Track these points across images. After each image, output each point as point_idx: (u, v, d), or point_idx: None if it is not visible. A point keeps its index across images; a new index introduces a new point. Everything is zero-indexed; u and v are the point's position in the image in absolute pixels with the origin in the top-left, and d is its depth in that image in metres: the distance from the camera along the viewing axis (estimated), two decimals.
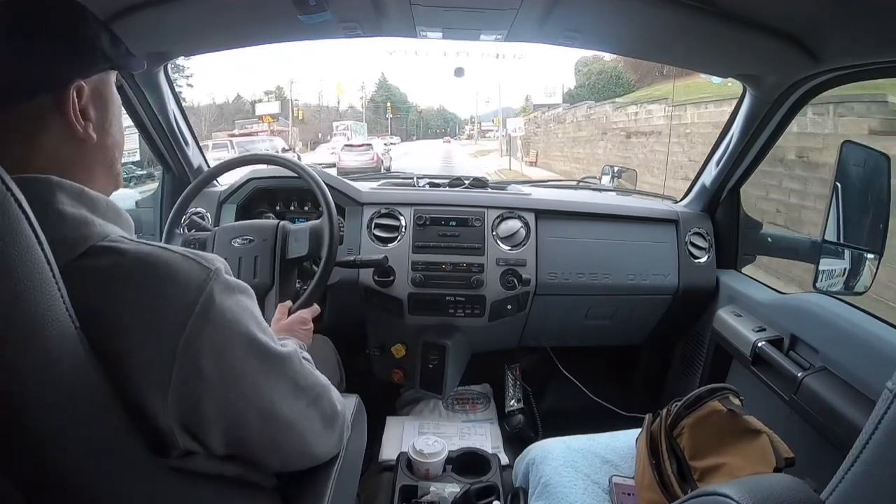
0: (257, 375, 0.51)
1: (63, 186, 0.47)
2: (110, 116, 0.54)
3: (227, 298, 0.48)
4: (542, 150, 15.84)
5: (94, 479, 0.43)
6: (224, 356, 0.47)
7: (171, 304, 0.45)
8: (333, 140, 25.61)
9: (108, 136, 0.53)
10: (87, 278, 0.43)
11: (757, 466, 0.77)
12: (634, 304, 1.43)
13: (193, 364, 0.45)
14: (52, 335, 0.39)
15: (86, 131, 0.50)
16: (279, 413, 0.53)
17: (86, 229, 0.46)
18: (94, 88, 0.51)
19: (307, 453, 0.61)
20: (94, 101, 0.51)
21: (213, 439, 0.49)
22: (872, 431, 0.35)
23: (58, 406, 0.40)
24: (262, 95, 34.53)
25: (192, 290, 0.46)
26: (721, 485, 0.41)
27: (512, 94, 25.39)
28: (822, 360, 0.93)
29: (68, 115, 0.48)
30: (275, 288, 1.04)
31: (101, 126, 0.52)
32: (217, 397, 0.47)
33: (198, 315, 0.45)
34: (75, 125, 0.49)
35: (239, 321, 0.49)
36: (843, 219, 0.95)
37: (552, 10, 0.96)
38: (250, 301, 0.52)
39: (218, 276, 0.48)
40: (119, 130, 0.55)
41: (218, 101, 33.10)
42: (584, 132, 11.87)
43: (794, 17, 0.86)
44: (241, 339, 0.49)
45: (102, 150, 0.53)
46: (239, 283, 0.51)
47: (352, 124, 31.76)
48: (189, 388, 0.45)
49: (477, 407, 1.58)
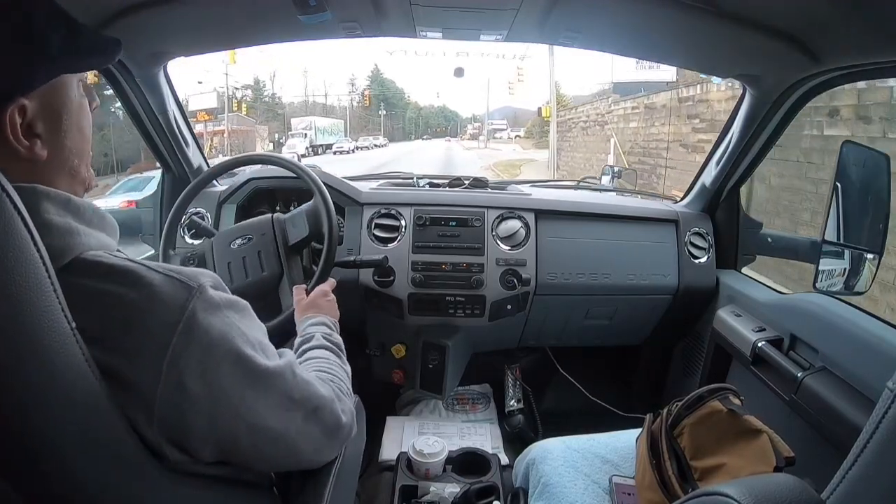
0: (244, 391, 0.50)
1: (49, 195, 0.46)
2: (65, 126, 0.48)
3: (210, 316, 0.47)
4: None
5: (93, 481, 0.43)
6: (209, 374, 0.47)
7: (154, 324, 0.45)
8: (290, 141, 22.20)
9: (62, 147, 0.48)
10: (71, 294, 0.42)
11: (757, 466, 0.77)
12: (634, 304, 1.42)
13: (179, 384, 0.45)
14: (48, 337, 0.38)
15: (31, 150, 0.45)
16: (268, 427, 0.52)
17: (70, 239, 0.45)
18: (43, 100, 0.45)
19: (303, 460, 0.60)
20: (43, 114, 0.45)
21: (202, 452, 0.49)
22: (873, 431, 0.35)
23: (55, 408, 0.40)
24: (241, 90, 31.18)
25: (175, 309, 0.45)
26: (721, 484, 0.41)
27: (520, 91, 21.29)
28: (821, 360, 0.93)
29: (8, 139, 0.43)
30: (285, 276, 1.05)
31: (53, 139, 0.47)
32: (204, 415, 0.47)
33: (181, 333, 0.45)
34: (17, 148, 0.44)
35: (224, 338, 0.48)
36: (843, 219, 0.95)
37: (552, 10, 0.96)
38: (239, 316, 0.51)
39: (201, 293, 0.47)
40: (78, 134, 0.50)
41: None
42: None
43: (794, 17, 0.86)
44: (226, 357, 0.48)
45: (58, 162, 0.48)
46: (227, 299, 0.50)
47: (316, 121, 26.58)
48: (174, 406, 0.45)
49: (477, 407, 1.58)
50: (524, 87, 18.54)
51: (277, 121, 30.87)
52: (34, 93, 0.44)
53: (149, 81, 1.22)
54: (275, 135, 25.99)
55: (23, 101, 0.44)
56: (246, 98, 29.78)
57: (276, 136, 25.55)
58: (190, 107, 18.08)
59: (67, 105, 0.48)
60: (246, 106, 25.29)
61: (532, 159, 17.78)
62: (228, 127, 19.23)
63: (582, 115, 12.15)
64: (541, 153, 19.12)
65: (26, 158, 0.45)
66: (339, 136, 27.56)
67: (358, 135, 33.63)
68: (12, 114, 0.43)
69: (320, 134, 25.26)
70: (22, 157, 0.45)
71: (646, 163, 8.03)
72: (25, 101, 0.44)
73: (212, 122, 18.67)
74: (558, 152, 13.01)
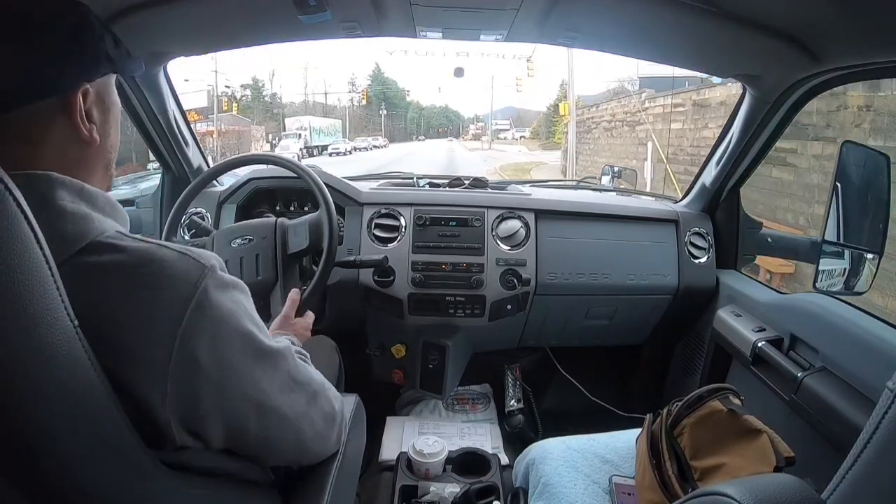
0: (252, 369, 0.52)
1: (64, 183, 0.48)
2: (111, 119, 0.54)
3: (221, 294, 0.49)
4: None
5: (93, 479, 0.43)
6: (219, 349, 0.48)
7: (168, 298, 0.46)
8: (283, 142, 21.57)
9: (107, 138, 0.54)
10: (86, 274, 0.44)
11: (757, 466, 0.77)
12: (634, 304, 1.43)
13: (190, 356, 0.46)
14: (50, 334, 0.38)
15: (90, 134, 0.51)
16: (275, 407, 0.54)
17: (85, 224, 0.47)
18: (98, 92, 0.52)
19: (305, 450, 0.62)
20: (98, 103, 0.52)
21: (212, 433, 0.50)
22: (873, 431, 0.35)
23: (57, 405, 0.40)
24: (240, 89, 30.83)
25: (188, 285, 0.47)
26: (722, 484, 0.41)
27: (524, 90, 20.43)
28: (821, 360, 0.93)
29: (74, 118, 0.49)
30: (279, 283, 1.04)
31: (102, 128, 0.53)
32: (214, 390, 0.48)
33: (193, 309, 0.46)
34: (81, 128, 0.50)
35: (233, 316, 0.50)
36: (843, 219, 0.95)
37: (552, 10, 0.96)
38: (244, 297, 0.53)
39: (213, 272, 0.49)
40: (117, 132, 0.56)
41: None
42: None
43: (794, 17, 0.86)
44: (235, 334, 0.50)
45: (103, 151, 0.54)
46: (233, 280, 0.52)
47: (312, 121, 26.03)
48: (186, 380, 0.46)
49: (477, 407, 1.58)
50: (531, 84, 17.94)
51: (275, 121, 30.30)
52: (92, 84, 0.51)
53: (149, 81, 1.23)
54: (269, 135, 25.49)
55: (87, 86, 0.50)
56: (245, 97, 29.30)
57: (270, 136, 25.02)
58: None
59: (113, 101, 0.55)
60: (237, 105, 24.98)
61: (542, 162, 17.23)
62: (222, 127, 18.73)
63: (605, 115, 10.78)
64: (549, 155, 18.51)
65: (84, 141, 0.50)
66: (336, 137, 26.80)
67: (358, 135, 32.90)
68: (79, 97, 0.49)
69: (316, 134, 24.71)
70: (81, 140, 0.50)
71: (689, 172, 6.06)
72: (89, 86, 0.50)
73: (202, 122, 18.38)
74: (577, 156, 11.56)
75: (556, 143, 13.06)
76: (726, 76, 1.24)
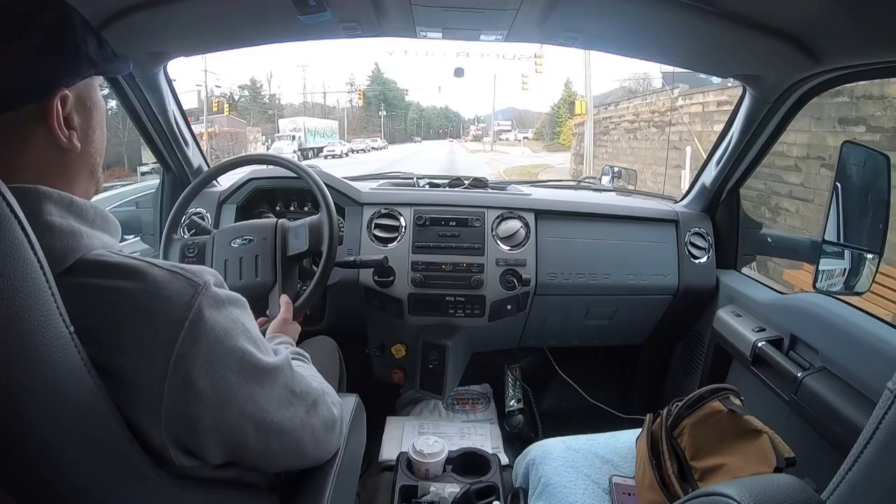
0: (251, 388, 0.50)
1: (51, 197, 0.46)
2: (94, 123, 0.52)
3: (216, 313, 0.48)
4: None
5: (92, 488, 0.43)
6: (216, 371, 0.47)
7: (160, 321, 0.44)
8: (276, 144, 20.64)
9: (91, 143, 0.52)
10: (75, 294, 0.42)
11: (757, 466, 0.77)
12: (634, 304, 1.43)
13: (185, 381, 0.45)
14: (47, 341, 0.38)
15: (70, 141, 0.48)
16: (275, 422, 0.53)
17: (73, 241, 0.46)
18: (78, 96, 0.50)
19: (305, 456, 0.61)
20: (78, 108, 0.50)
21: (210, 452, 0.49)
22: (873, 431, 0.35)
23: (54, 412, 0.39)
24: (236, 90, 30.23)
25: (181, 306, 0.45)
26: (722, 485, 0.41)
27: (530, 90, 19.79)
28: (822, 360, 0.93)
29: (52, 126, 0.47)
30: (277, 285, 1.04)
31: (84, 134, 0.51)
32: (212, 413, 0.47)
33: (187, 331, 0.45)
34: (59, 136, 0.47)
35: (229, 335, 0.48)
36: (843, 219, 0.95)
37: (552, 10, 0.96)
38: (241, 312, 0.52)
39: (206, 290, 0.47)
40: (101, 136, 0.54)
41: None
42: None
43: (794, 17, 0.86)
44: (232, 354, 0.48)
45: (85, 157, 0.52)
46: (230, 295, 0.51)
47: (306, 122, 25.33)
48: (182, 405, 0.45)
49: (477, 407, 1.58)
50: (533, 84, 17.73)
51: (272, 122, 29.88)
52: (72, 88, 0.48)
53: (149, 81, 1.22)
54: (263, 136, 25.04)
55: (65, 92, 0.48)
56: (244, 98, 29.08)
57: (264, 137, 24.51)
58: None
59: (96, 105, 0.53)
60: (228, 106, 24.39)
61: (548, 165, 16.59)
62: (215, 129, 18.54)
63: (625, 114, 9.77)
64: (554, 157, 18.00)
65: (64, 149, 0.48)
66: (333, 139, 26.19)
67: (357, 136, 32.42)
68: (56, 103, 0.47)
69: (311, 136, 24.09)
70: (60, 147, 0.48)
71: (750, 186, 4.62)
72: (67, 91, 0.48)
73: (192, 123, 17.57)
74: (593, 159, 10.59)
75: (562, 144, 12.51)
76: (726, 76, 1.24)
